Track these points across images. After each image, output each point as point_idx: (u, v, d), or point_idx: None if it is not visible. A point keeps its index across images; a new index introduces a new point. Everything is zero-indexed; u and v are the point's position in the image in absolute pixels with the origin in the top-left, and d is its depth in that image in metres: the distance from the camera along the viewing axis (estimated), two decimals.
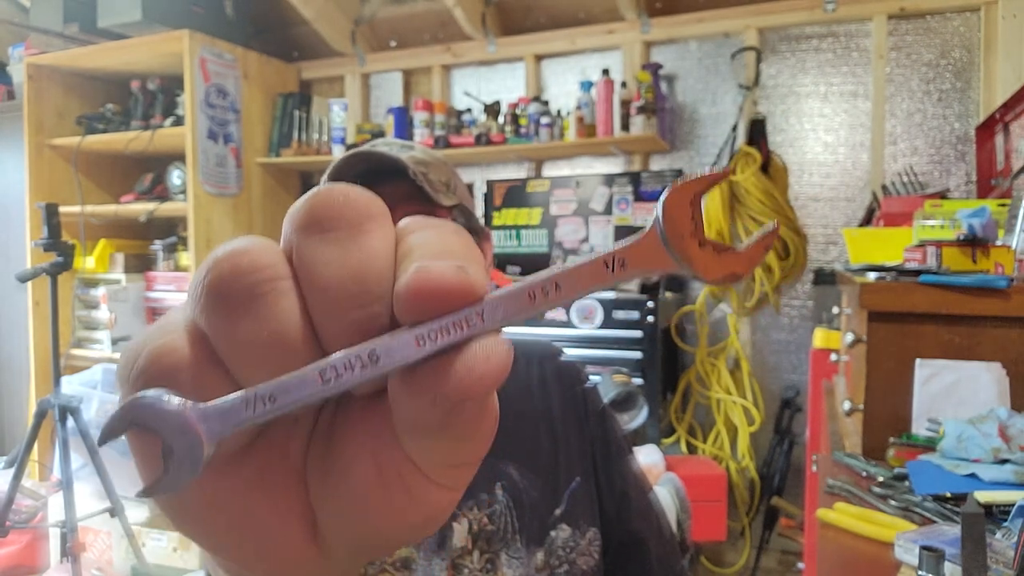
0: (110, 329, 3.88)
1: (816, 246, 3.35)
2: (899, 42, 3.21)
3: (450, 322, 0.25)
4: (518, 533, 1.01)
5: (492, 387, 0.25)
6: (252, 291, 0.26)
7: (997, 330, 1.34)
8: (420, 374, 0.25)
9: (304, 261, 0.26)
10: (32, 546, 3.29)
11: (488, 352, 0.25)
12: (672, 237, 0.28)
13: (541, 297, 0.27)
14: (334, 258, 0.26)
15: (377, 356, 0.25)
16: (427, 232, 0.27)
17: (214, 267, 0.26)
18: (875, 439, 1.39)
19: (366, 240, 0.26)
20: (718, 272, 0.28)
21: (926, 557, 0.76)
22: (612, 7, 3.56)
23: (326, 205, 0.27)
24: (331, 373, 0.25)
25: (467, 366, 0.25)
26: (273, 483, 0.28)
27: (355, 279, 0.26)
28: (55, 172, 3.99)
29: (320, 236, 0.26)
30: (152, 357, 0.26)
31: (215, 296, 0.26)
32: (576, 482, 1.08)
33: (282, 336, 0.25)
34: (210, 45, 3.64)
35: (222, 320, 0.26)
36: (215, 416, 0.25)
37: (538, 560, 1.01)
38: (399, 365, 0.25)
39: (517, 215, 3.80)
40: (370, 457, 0.27)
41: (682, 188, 0.29)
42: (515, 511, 1.02)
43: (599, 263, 0.27)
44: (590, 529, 1.06)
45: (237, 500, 0.28)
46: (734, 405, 3.35)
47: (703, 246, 0.28)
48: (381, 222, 0.27)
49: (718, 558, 3.38)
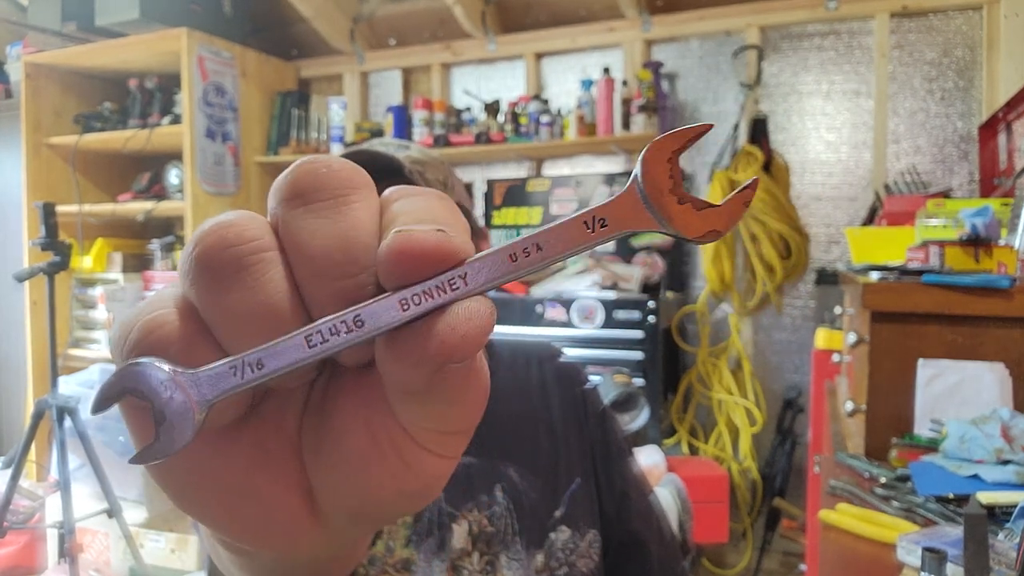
0: (108, 329, 3.88)
1: (818, 246, 3.34)
2: (901, 40, 3.20)
3: (433, 285, 0.25)
4: (518, 535, 1.01)
5: (475, 348, 0.25)
6: (239, 262, 0.26)
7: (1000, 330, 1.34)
8: (403, 337, 0.25)
9: (290, 232, 0.27)
10: (30, 547, 3.29)
11: (470, 313, 0.25)
12: (652, 194, 0.28)
13: (523, 258, 0.27)
14: (319, 228, 0.26)
15: (362, 320, 0.25)
16: (411, 199, 0.28)
17: (201, 240, 0.26)
18: (877, 440, 1.38)
19: (350, 210, 0.27)
20: (699, 229, 0.28)
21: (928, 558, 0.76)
22: (613, 5, 3.55)
23: (310, 176, 0.27)
24: (317, 338, 0.25)
25: (449, 326, 0.25)
26: (269, 456, 0.28)
27: (341, 248, 0.26)
28: (52, 171, 3.98)
29: (305, 207, 0.27)
30: (144, 330, 0.26)
31: (203, 268, 0.26)
32: (576, 483, 1.07)
33: (270, 306, 0.26)
34: (208, 43, 3.63)
35: (210, 292, 0.26)
36: (205, 382, 0.25)
37: (538, 562, 1.01)
38: (384, 329, 0.25)
39: (517, 214, 3.79)
40: (363, 426, 0.27)
41: (660, 144, 0.28)
42: (515, 513, 1.01)
43: (578, 222, 0.27)
44: (590, 531, 1.06)
45: (235, 474, 0.28)
46: (736, 406, 3.34)
47: (683, 203, 0.28)
48: (365, 192, 0.28)
49: (720, 559, 3.37)
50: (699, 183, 3.52)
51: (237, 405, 0.27)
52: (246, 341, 0.26)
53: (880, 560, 1.01)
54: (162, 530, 3.15)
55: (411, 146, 1.09)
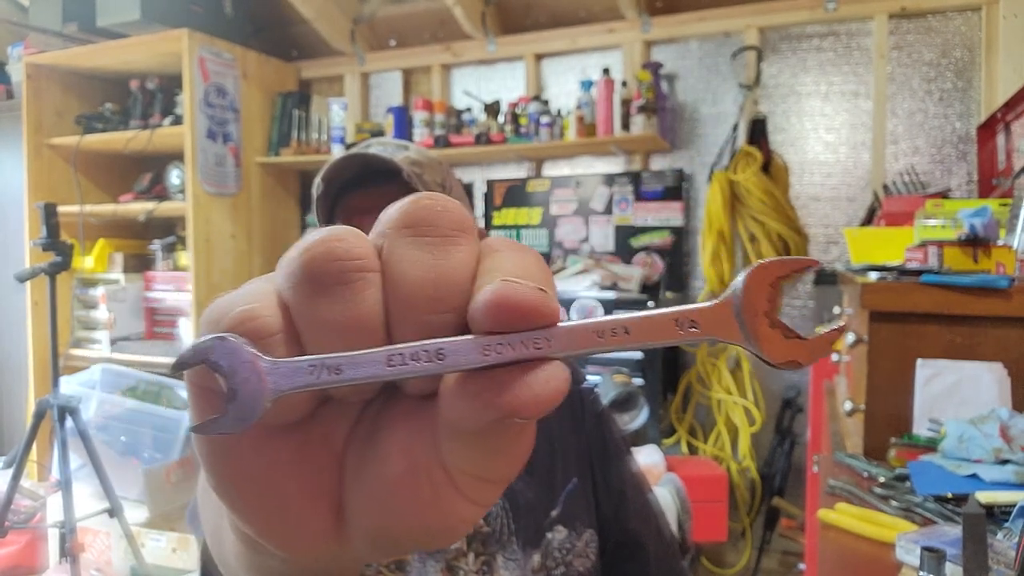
0: (109, 329, 3.88)
1: (817, 246, 3.35)
2: (900, 41, 3.20)
3: (519, 340, 0.26)
4: (514, 535, 1.01)
5: (544, 410, 0.26)
6: (342, 276, 0.27)
7: (998, 330, 1.34)
8: (480, 379, 0.26)
9: (393, 258, 0.28)
10: (31, 546, 3.30)
11: (549, 376, 0.26)
12: (746, 312, 0.29)
13: (609, 337, 0.28)
14: (421, 260, 0.28)
15: (444, 354, 0.26)
16: (512, 254, 0.29)
17: (310, 248, 0.28)
18: (876, 439, 1.39)
19: (454, 250, 0.28)
20: (782, 356, 0.29)
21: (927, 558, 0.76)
22: (613, 6, 3.55)
23: (425, 211, 0.29)
24: (398, 359, 0.27)
25: (527, 384, 0.26)
26: (311, 463, 0.29)
27: (436, 284, 0.27)
28: (54, 172, 3.99)
29: (413, 238, 0.28)
30: (240, 318, 0.28)
31: (307, 275, 0.28)
32: (573, 483, 1.07)
33: (360, 322, 0.27)
34: (209, 44, 3.64)
35: (309, 298, 0.28)
36: (283, 373, 0.27)
37: (534, 562, 1.01)
38: (461, 367, 0.26)
39: (517, 215, 3.79)
40: (406, 455, 0.28)
41: (767, 267, 0.29)
42: (511, 513, 1.01)
43: (671, 318, 0.28)
44: (587, 531, 1.06)
45: (274, 473, 0.29)
46: (735, 405, 3.34)
47: (773, 327, 0.29)
48: (469, 236, 0.29)
49: (719, 559, 3.38)
50: (699, 183, 3.52)
51: (301, 405, 0.29)
52: (329, 349, 0.27)
53: (879, 559, 1.01)
54: (163, 530, 3.15)
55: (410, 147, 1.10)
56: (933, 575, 0.76)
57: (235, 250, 3.85)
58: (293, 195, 4.29)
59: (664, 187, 3.51)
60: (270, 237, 4.10)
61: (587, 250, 3.64)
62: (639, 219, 3.56)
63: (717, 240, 3.26)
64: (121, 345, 3.89)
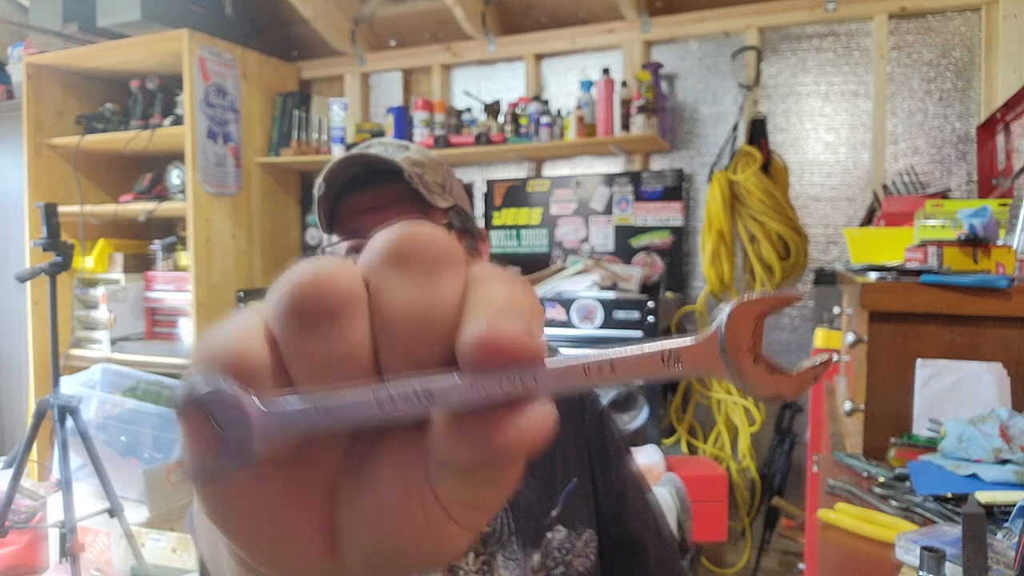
0: (109, 329, 3.88)
1: (817, 246, 3.35)
2: (900, 42, 3.21)
3: (506, 379, 0.27)
4: (514, 535, 1.01)
5: (532, 449, 0.27)
6: (329, 311, 0.27)
7: (998, 330, 1.34)
8: (469, 420, 0.26)
9: (380, 290, 0.28)
10: (31, 546, 3.30)
11: (537, 416, 0.27)
12: (730, 348, 0.29)
13: (596, 374, 0.28)
14: (407, 294, 0.28)
15: (433, 396, 0.27)
16: (498, 285, 0.29)
17: (297, 281, 0.28)
18: (876, 439, 1.39)
19: (441, 282, 0.28)
20: (766, 390, 0.29)
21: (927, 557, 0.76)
22: (612, 6, 3.56)
23: (411, 241, 0.29)
24: (388, 403, 0.27)
25: (516, 425, 0.27)
26: (305, 490, 0.30)
27: (424, 317, 0.28)
28: (54, 172, 3.99)
29: (399, 269, 0.28)
30: (230, 356, 0.28)
31: (293, 309, 0.27)
32: (572, 483, 1.08)
33: (348, 356, 0.27)
34: (209, 44, 3.64)
35: (295, 333, 0.28)
36: (275, 418, 0.27)
37: (534, 562, 1.01)
38: (450, 407, 0.27)
39: (517, 215, 3.80)
40: (400, 482, 0.29)
41: (750, 304, 0.30)
42: (511, 512, 1.01)
43: (656, 356, 0.29)
44: (586, 530, 1.06)
45: (269, 501, 0.29)
46: (734, 405, 3.35)
47: (757, 362, 0.29)
48: (457, 268, 0.29)
49: (719, 558, 3.38)
50: (698, 183, 3.53)
51: (293, 442, 0.29)
52: (317, 382, 0.27)
53: (879, 559, 1.01)
54: (163, 530, 3.15)
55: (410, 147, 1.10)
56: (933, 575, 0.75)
57: (235, 250, 3.85)
58: (293, 195, 4.30)
59: (664, 187, 3.52)
60: (270, 237, 4.10)
61: (587, 250, 3.64)
62: (639, 219, 3.56)
63: (717, 240, 3.26)
64: (121, 345, 3.90)
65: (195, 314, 3.62)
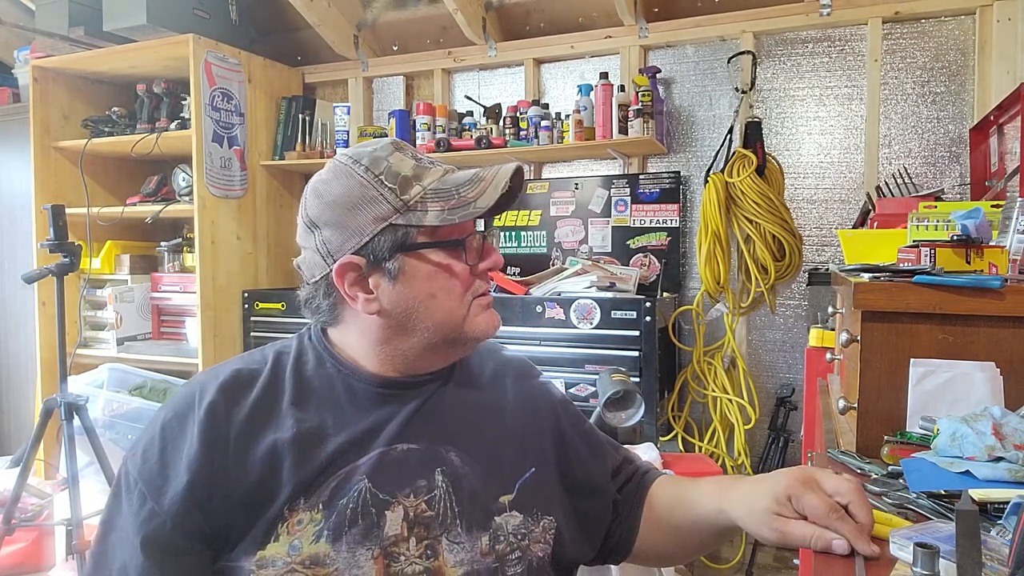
0: (116, 329, 3.91)
1: (811, 247, 3.39)
2: (893, 46, 3.25)
3: None
4: (458, 518, 1.03)
5: None
6: None
7: (991, 329, 1.31)
8: None
9: None
10: (38, 544, 3.30)
11: None
12: None
13: None
14: None
15: None
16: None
17: None
18: (869, 437, 1.37)
19: None
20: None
21: (921, 554, 0.76)
22: (611, 12, 3.59)
23: None
24: None
25: None
26: None
27: None
28: (61, 174, 4.02)
29: None
30: None
31: None
32: (529, 473, 1.12)
33: None
34: (215, 49, 3.67)
35: None
36: None
37: (483, 544, 1.04)
38: None
39: (517, 216, 3.83)
40: None
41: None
42: (454, 496, 1.04)
43: None
44: (545, 517, 1.10)
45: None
46: (730, 403, 3.38)
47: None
48: None
49: (714, 554, 3.41)
50: (695, 185, 3.57)
51: None
52: None
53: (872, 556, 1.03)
54: None
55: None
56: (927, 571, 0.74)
57: (240, 251, 3.88)
58: (297, 197, 4.32)
59: (661, 189, 3.55)
60: (275, 239, 4.13)
61: (585, 251, 3.68)
62: (636, 221, 3.60)
63: (712, 241, 3.29)
64: (128, 345, 3.93)
65: (201, 314, 3.65)
